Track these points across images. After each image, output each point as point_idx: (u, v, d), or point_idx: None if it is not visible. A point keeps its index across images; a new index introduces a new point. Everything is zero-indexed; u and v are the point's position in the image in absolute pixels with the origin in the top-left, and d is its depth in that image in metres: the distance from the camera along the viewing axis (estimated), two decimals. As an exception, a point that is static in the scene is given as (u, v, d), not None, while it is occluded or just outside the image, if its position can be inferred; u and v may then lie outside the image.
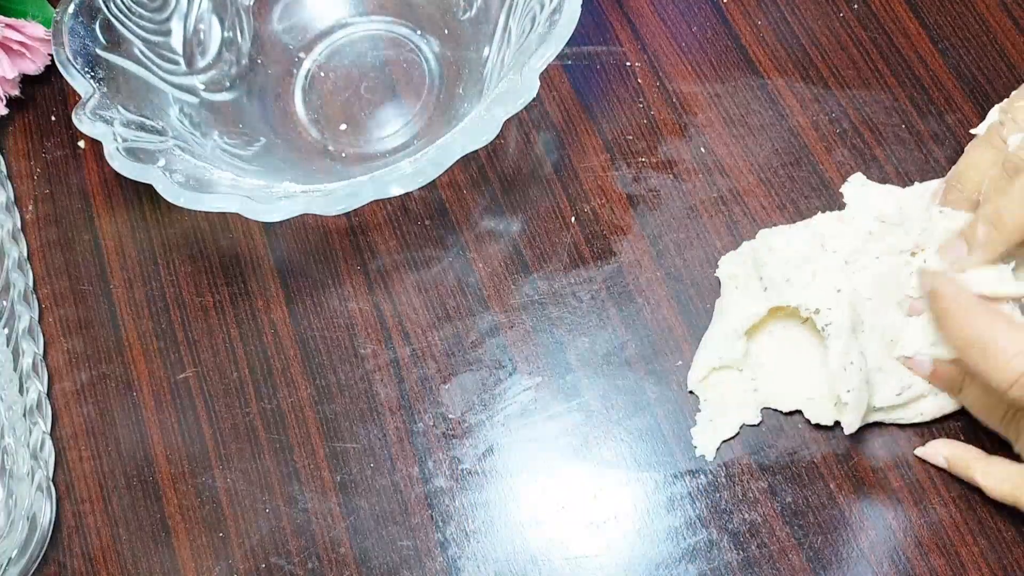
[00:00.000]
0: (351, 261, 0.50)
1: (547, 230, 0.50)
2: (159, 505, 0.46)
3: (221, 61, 0.53)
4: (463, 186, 0.51)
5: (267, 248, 0.51)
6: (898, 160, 0.49)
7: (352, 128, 0.53)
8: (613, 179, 0.51)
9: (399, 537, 0.44)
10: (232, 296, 0.50)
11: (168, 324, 0.50)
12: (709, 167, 0.50)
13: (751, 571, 0.42)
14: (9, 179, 0.54)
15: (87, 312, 0.50)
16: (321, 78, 0.54)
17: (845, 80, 0.51)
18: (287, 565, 0.44)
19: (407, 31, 0.55)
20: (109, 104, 0.47)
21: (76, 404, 0.49)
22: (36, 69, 0.54)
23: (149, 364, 0.49)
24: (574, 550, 0.44)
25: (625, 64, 0.53)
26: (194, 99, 0.51)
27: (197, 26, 0.53)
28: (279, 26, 0.55)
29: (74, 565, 0.46)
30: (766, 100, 0.51)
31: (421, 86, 0.53)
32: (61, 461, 0.48)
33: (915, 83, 0.51)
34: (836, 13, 0.53)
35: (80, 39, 0.48)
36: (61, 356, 0.50)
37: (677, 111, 0.52)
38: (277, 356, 0.48)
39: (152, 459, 0.47)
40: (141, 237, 0.52)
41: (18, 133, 0.55)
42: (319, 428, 0.47)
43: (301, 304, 0.49)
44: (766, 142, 0.51)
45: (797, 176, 0.50)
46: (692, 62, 0.53)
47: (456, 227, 0.50)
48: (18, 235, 0.52)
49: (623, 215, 0.50)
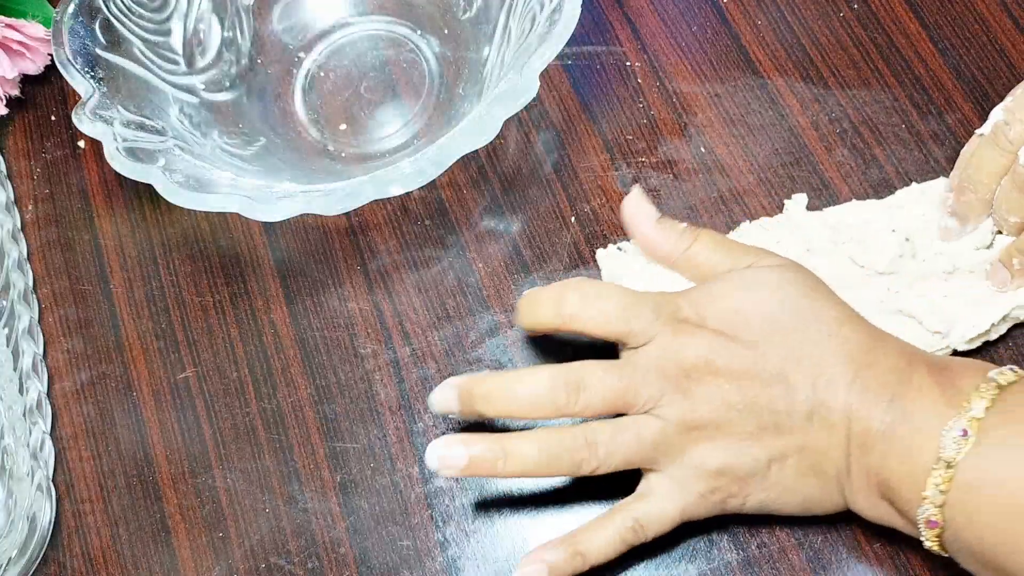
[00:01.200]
0: (351, 261, 0.50)
1: (547, 230, 0.50)
2: (159, 505, 0.46)
3: (221, 61, 0.53)
4: (463, 186, 0.51)
5: (267, 248, 0.51)
6: (898, 160, 0.49)
7: (352, 128, 0.53)
8: (613, 179, 0.51)
9: (399, 537, 0.44)
10: (232, 296, 0.50)
11: (168, 324, 0.50)
12: (709, 167, 0.50)
13: (751, 571, 0.42)
14: (9, 179, 0.54)
15: (87, 312, 0.50)
16: (321, 78, 0.54)
17: (845, 80, 0.51)
18: (287, 565, 0.44)
19: (407, 31, 0.55)
20: (109, 104, 0.47)
21: (76, 404, 0.49)
22: (36, 69, 0.54)
23: (149, 364, 0.49)
24: (574, 550, 0.44)
25: (625, 64, 0.53)
26: (194, 99, 0.51)
27: (197, 26, 0.53)
28: (279, 26, 0.55)
29: (74, 565, 0.46)
30: (766, 100, 0.51)
31: (421, 86, 0.53)
32: (61, 461, 0.48)
33: (915, 83, 0.51)
34: (836, 13, 0.53)
35: (80, 39, 0.48)
36: (61, 356, 0.50)
37: (677, 111, 0.52)
38: (277, 356, 0.48)
39: (152, 459, 0.47)
40: (141, 237, 0.52)
41: (18, 133, 0.55)
42: (319, 428, 0.47)
43: (301, 304, 0.49)
44: (766, 142, 0.51)
45: (797, 176, 0.50)
46: (692, 62, 0.53)
47: (456, 227, 0.50)
48: (18, 235, 0.52)
49: (623, 215, 0.50)
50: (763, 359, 0.38)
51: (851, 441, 0.38)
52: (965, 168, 0.45)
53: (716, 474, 0.39)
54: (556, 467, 0.39)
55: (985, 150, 0.44)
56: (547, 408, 0.39)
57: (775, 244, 0.46)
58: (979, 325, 0.43)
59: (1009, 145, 0.43)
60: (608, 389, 0.39)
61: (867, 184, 0.49)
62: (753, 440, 0.38)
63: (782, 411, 0.38)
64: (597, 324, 0.40)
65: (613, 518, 0.39)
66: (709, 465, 0.39)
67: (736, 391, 0.38)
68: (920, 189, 0.47)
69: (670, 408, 0.39)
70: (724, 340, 0.39)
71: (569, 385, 0.39)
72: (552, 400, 0.39)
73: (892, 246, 0.44)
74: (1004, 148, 0.43)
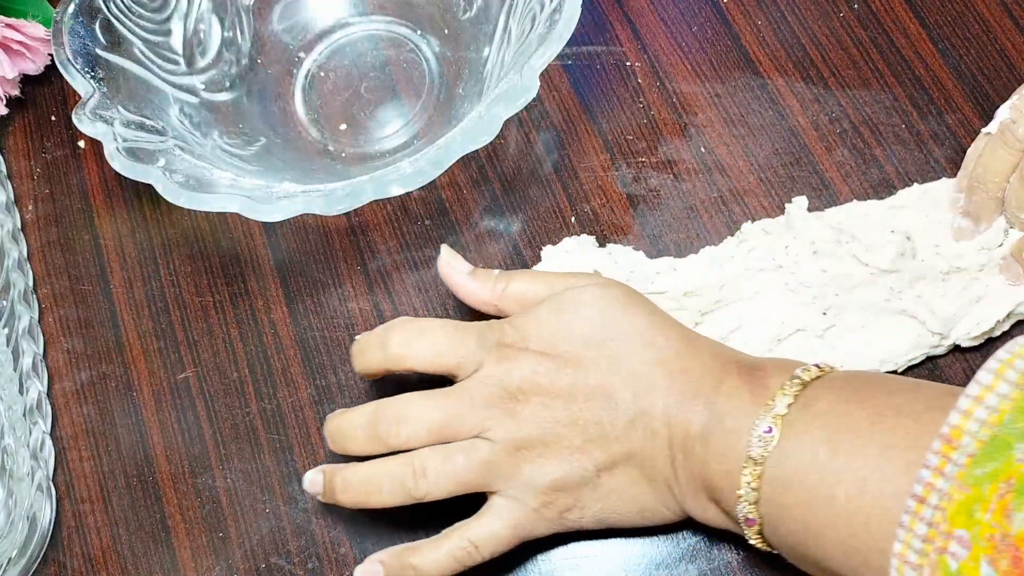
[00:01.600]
0: (351, 261, 0.50)
1: (547, 230, 0.50)
2: (159, 505, 0.46)
3: (221, 61, 0.53)
4: (463, 186, 0.51)
5: (267, 248, 0.51)
6: (898, 160, 0.49)
7: (352, 128, 0.53)
8: (613, 179, 0.51)
9: (400, 537, 0.44)
10: (232, 296, 0.50)
11: (168, 324, 0.50)
12: (709, 167, 0.50)
13: (751, 571, 0.42)
14: (9, 179, 0.54)
15: (87, 312, 0.50)
16: (321, 78, 0.54)
17: (845, 80, 0.51)
18: (287, 565, 0.44)
19: (407, 31, 0.55)
20: (109, 104, 0.47)
21: (76, 404, 0.49)
22: (36, 69, 0.54)
23: (149, 364, 0.49)
24: (574, 550, 0.44)
25: (625, 64, 0.53)
26: (194, 99, 0.51)
27: (197, 26, 0.53)
28: (279, 26, 0.55)
29: (74, 565, 0.46)
30: (766, 100, 0.51)
31: (421, 86, 0.53)
32: (61, 461, 0.48)
33: (915, 83, 0.51)
34: (836, 13, 0.53)
35: (80, 39, 0.48)
36: (61, 356, 0.50)
37: (677, 111, 0.52)
38: (277, 356, 0.48)
39: (152, 459, 0.47)
40: (141, 237, 0.52)
41: (18, 133, 0.55)
42: (319, 428, 0.47)
43: (301, 304, 0.49)
44: (766, 142, 0.51)
45: (797, 176, 0.50)
46: (692, 62, 0.53)
47: (456, 227, 0.50)
48: (18, 235, 0.52)
49: (623, 215, 0.50)
50: (584, 375, 0.39)
51: (673, 446, 0.39)
52: (974, 168, 0.45)
53: (548, 489, 0.40)
54: (386, 496, 0.41)
55: (993, 149, 0.44)
56: (375, 443, 0.41)
57: (782, 248, 0.46)
58: (984, 322, 0.44)
59: (1017, 143, 0.43)
60: (430, 420, 0.40)
61: (867, 184, 0.49)
62: (581, 453, 0.39)
63: (605, 422, 0.39)
64: (425, 360, 0.41)
65: (450, 536, 0.40)
66: (541, 482, 0.40)
67: (561, 408, 0.39)
68: (922, 189, 0.47)
69: (498, 430, 0.40)
70: (547, 360, 0.40)
71: (389, 419, 0.40)
72: (375, 435, 0.41)
73: (893, 245, 0.45)
74: (1012, 146, 0.43)
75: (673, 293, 0.45)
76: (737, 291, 0.46)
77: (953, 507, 0.30)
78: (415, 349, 0.41)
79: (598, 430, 0.39)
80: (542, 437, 0.39)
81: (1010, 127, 0.43)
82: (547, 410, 0.39)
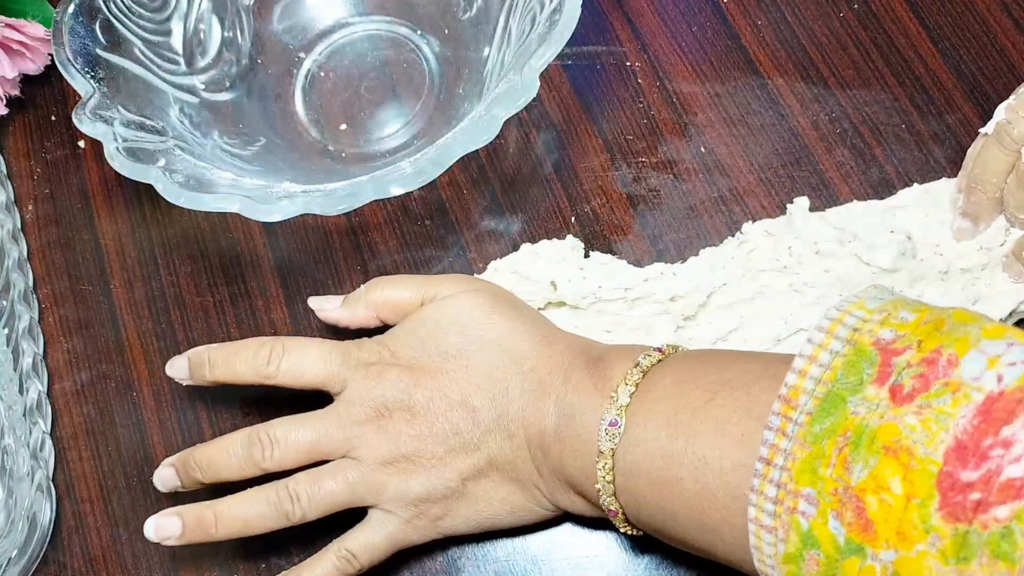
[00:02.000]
0: (351, 261, 0.50)
1: (547, 230, 0.50)
2: (159, 506, 0.46)
3: (221, 61, 0.53)
4: (463, 186, 0.51)
5: (267, 248, 0.51)
6: (898, 160, 0.49)
7: (352, 128, 0.53)
8: (613, 179, 0.51)
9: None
10: (232, 296, 0.50)
11: (168, 324, 0.50)
12: (709, 167, 0.50)
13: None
14: (9, 179, 0.54)
15: (87, 312, 0.50)
16: (321, 78, 0.54)
17: (845, 80, 0.52)
18: (287, 565, 0.44)
19: (407, 31, 0.55)
20: (109, 104, 0.47)
21: (76, 404, 0.49)
22: (36, 69, 0.54)
23: (149, 364, 0.49)
24: (574, 550, 0.44)
25: (625, 64, 0.53)
26: (194, 99, 0.51)
27: (197, 26, 0.53)
28: (279, 26, 0.55)
29: (74, 565, 0.46)
30: (766, 100, 0.51)
31: (421, 86, 0.53)
32: (61, 461, 0.48)
33: (915, 83, 0.51)
34: (836, 13, 0.53)
35: (80, 39, 0.48)
36: (61, 356, 0.50)
37: (677, 111, 0.52)
38: (277, 356, 0.48)
39: (152, 459, 0.47)
40: (141, 237, 0.52)
41: (18, 133, 0.55)
42: (319, 428, 0.47)
43: (301, 304, 0.49)
44: (766, 142, 0.51)
45: (797, 176, 0.50)
46: (692, 62, 0.53)
47: (456, 227, 0.50)
48: (18, 235, 0.52)
49: (623, 215, 0.50)
50: (444, 386, 0.41)
51: (532, 447, 0.40)
52: (972, 168, 0.45)
53: (417, 501, 0.41)
54: (264, 521, 0.41)
55: (990, 149, 0.44)
56: (249, 467, 0.41)
57: (785, 248, 0.46)
58: None
59: (1013, 144, 0.43)
60: (300, 442, 0.41)
61: (867, 184, 0.49)
62: (443, 464, 0.40)
63: (465, 432, 0.40)
64: (293, 378, 0.42)
65: (330, 549, 0.41)
66: (409, 495, 0.41)
67: (422, 421, 0.40)
68: (922, 189, 0.47)
69: (363, 449, 0.41)
70: (408, 375, 0.41)
71: (262, 443, 0.41)
72: (248, 458, 0.41)
73: (895, 245, 0.45)
74: (1008, 147, 0.43)
75: (660, 297, 0.46)
76: (738, 291, 0.46)
77: (797, 466, 0.31)
78: (284, 367, 0.42)
79: (458, 440, 0.40)
80: (405, 452, 0.40)
81: (1005, 128, 0.43)
82: (409, 425, 0.40)
